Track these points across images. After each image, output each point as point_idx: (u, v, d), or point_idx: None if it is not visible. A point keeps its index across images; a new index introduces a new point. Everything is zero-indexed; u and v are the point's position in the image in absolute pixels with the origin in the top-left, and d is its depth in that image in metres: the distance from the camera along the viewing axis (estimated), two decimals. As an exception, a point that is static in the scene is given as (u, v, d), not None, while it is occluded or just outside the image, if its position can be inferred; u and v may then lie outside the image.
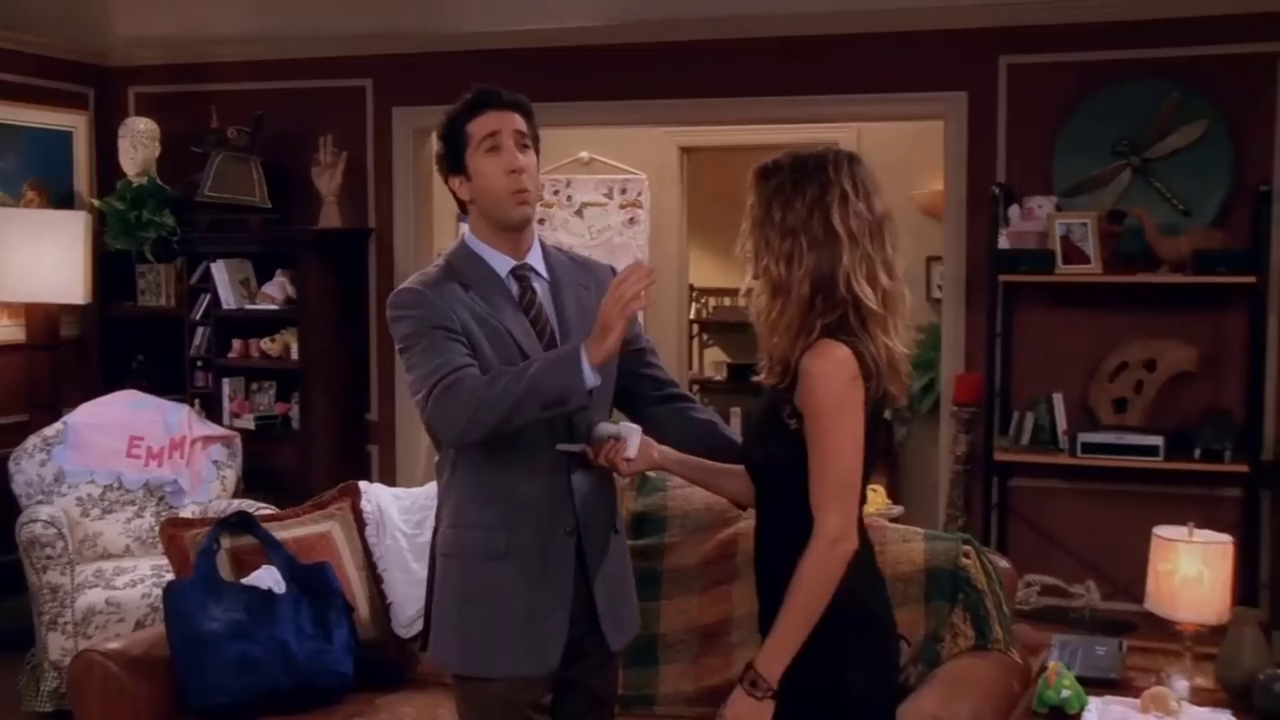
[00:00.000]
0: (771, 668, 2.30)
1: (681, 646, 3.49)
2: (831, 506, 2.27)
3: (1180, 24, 5.20)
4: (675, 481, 3.66)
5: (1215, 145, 5.17)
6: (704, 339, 9.12)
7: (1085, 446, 5.18)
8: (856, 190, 2.31)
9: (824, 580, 2.27)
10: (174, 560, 3.77)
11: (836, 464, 2.27)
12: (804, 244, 2.29)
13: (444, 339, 2.53)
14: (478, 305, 2.59)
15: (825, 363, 2.26)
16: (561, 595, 2.61)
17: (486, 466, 2.59)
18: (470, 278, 2.63)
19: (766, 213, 2.34)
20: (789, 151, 2.38)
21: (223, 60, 6.51)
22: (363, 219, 6.40)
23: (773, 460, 2.38)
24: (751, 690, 2.31)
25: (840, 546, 2.27)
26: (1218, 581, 3.40)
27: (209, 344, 6.28)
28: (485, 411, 2.44)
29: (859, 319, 2.29)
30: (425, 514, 3.96)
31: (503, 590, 2.59)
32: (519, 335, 2.60)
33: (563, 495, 2.62)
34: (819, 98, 5.78)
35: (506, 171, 2.62)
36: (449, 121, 2.68)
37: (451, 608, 2.64)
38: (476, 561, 2.61)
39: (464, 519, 2.63)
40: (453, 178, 2.69)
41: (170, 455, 5.35)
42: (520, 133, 2.65)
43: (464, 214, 2.76)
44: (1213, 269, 4.98)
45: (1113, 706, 3.10)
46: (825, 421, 2.26)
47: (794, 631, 2.28)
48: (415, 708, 3.55)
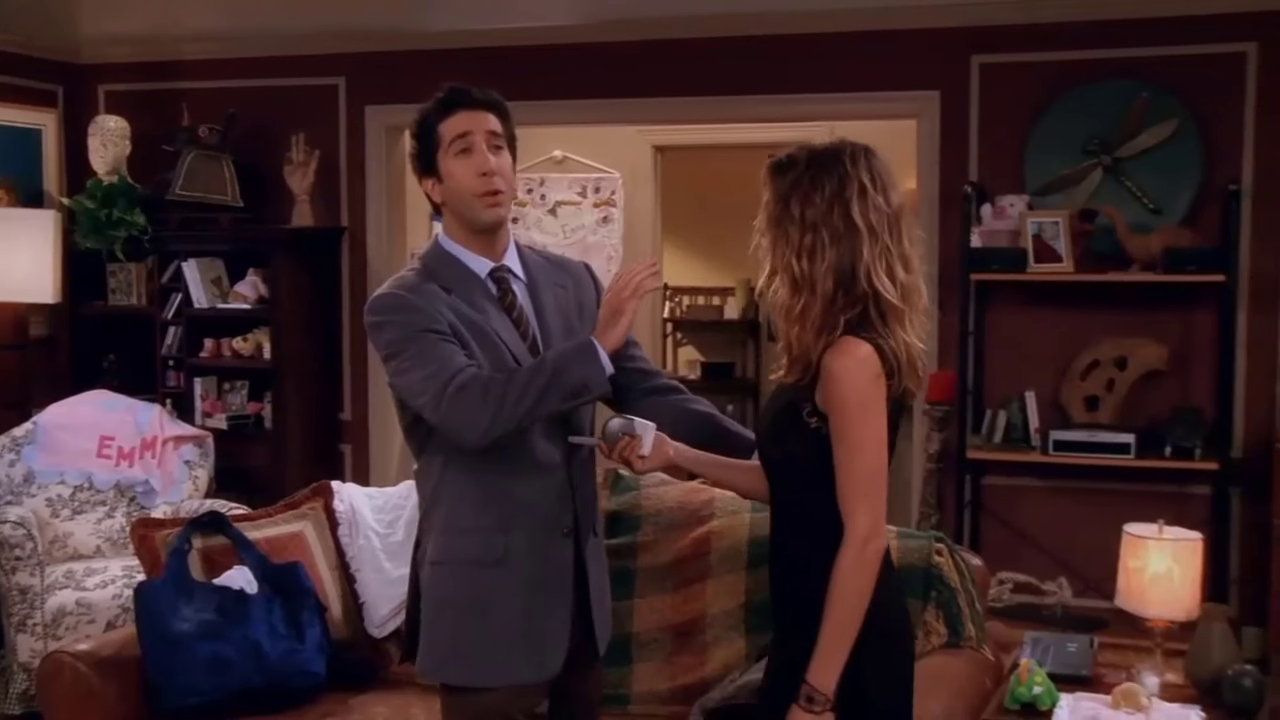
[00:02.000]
0: (826, 679, 2.24)
1: (655, 645, 3.48)
2: (860, 505, 2.25)
3: (1150, 24, 5.24)
4: (648, 480, 3.65)
5: (1185, 144, 5.20)
6: (678, 338, 9.13)
7: (1057, 444, 5.20)
8: (874, 183, 2.29)
9: (863, 582, 2.25)
10: (145, 561, 3.74)
11: (863, 462, 2.25)
12: (825, 238, 2.26)
13: (436, 341, 2.47)
14: (461, 307, 2.54)
15: (848, 360, 2.23)
16: (562, 598, 2.58)
17: (482, 469, 2.52)
18: (449, 280, 2.58)
19: (785, 207, 2.31)
20: (801, 145, 2.36)
21: (194, 58, 6.48)
22: (335, 218, 6.38)
23: (792, 459, 2.35)
24: (809, 706, 2.25)
25: (873, 544, 2.25)
26: (1187, 578, 3.42)
27: (180, 343, 6.25)
28: (510, 407, 2.40)
29: (879, 314, 2.27)
30: (398, 513, 3.95)
31: (502, 596, 2.53)
32: (505, 336, 2.57)
33: (563, 495, 2.59)
34: (792, 97, 5.80)
35: (478, 174, 2.57)
36: (420, 121, 2.63)
37: (447, 618, 2.56)
38: (473, 568, 2.54)
39: (459, 524, 2.55)
40: (425, 179, 2.64)
41: (141, 455, 5.32)
42: (493, 133, 2.60)
43: (438, 215, 2.72)
44: (1183, 268, 5.02)
45: (1084, 703, 3.11)
46: (850, 419, 2.24)
47: (842, 638, 2.25)
48: (388, 708, 3.54)
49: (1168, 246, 5.04)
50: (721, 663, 3.40)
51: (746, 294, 8.78)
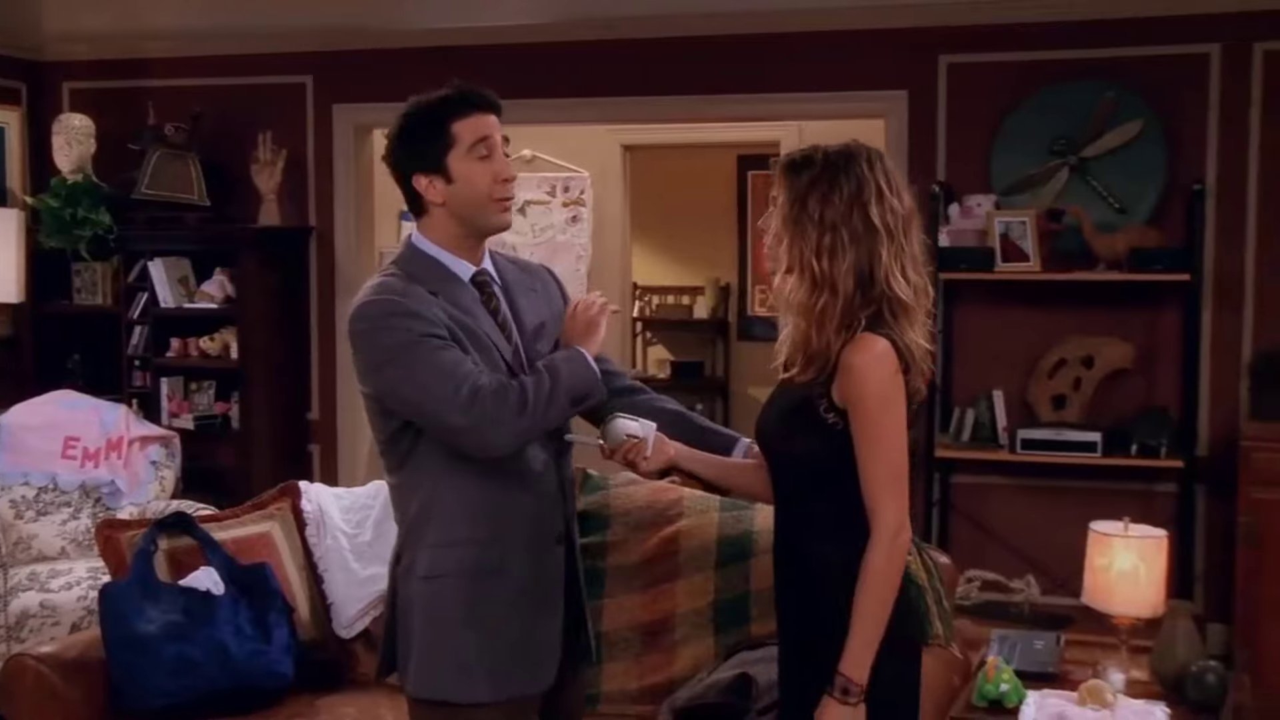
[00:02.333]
0: (860, 671, 2.27)
1: (624, 644, 3.48)
2: (888, 498, 2.30)
3: (1116, 25, 5.27)
4: (617, 479, 3.66)
5: (1150, 144, 5.23)
6: (647, 337, 9.13)
7: (1025, 443, 5.23)
8: (889, 185, 2.33)
9: (893, 574, 2.30)
10: (110, 562, 3.72)
11: (888, 455, 2.30)
12: (845, 238, 2.29)
13: (439, 346, 2.38)
14: (451, 310, 2.46)
15: (868, 355, 2.27)
16: (555, 607, 2.56)
17: (475, 479, 2.45)
18: (433, 283, 2.48)
19: (802, 207, 2.33)
20: (813, 145, 2.38)
21: (159, 56, 6.43)
22: (303, 217, 6.35)
23: (809, 456, 2.37)
24: (844, 698, 2.27)
25: (903, 536, 2.31)
26: (1153, 575, 3.45)
27: (147, 343, 6.21)
28: (535, 411, 2.38)
29: (892, 313, 2.31)
30: (366, 514, 3.94)
31: (499, 608, 2.48)
32: (495, 340, 2.51)
33: (554, 502, 2.57)
34: (760, 96, 5.81)
35: (498, 179, 2.49)
36: (427, 116, 2.49)
37: (443, 633, 2.49)
38: (470, 580, 2.47)
39: (452, 537, 2.48)
40: (423, 176, 2.49)
41: (107, 456, 5.28)
42: (505, 137, 2.54)
43: (415, 214, 2.58)
44: (1148, 267, 5.05)
45: (1050, 700, 3.13)
46: (873, 414, 2.29)
47: (873, 630, 2.28)
48: (356, 708, 3.53)
49: (1133, 246, 5.08)
50: (690, 662, 3.40)
51: (716, 293, 8.79)
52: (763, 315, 8.62)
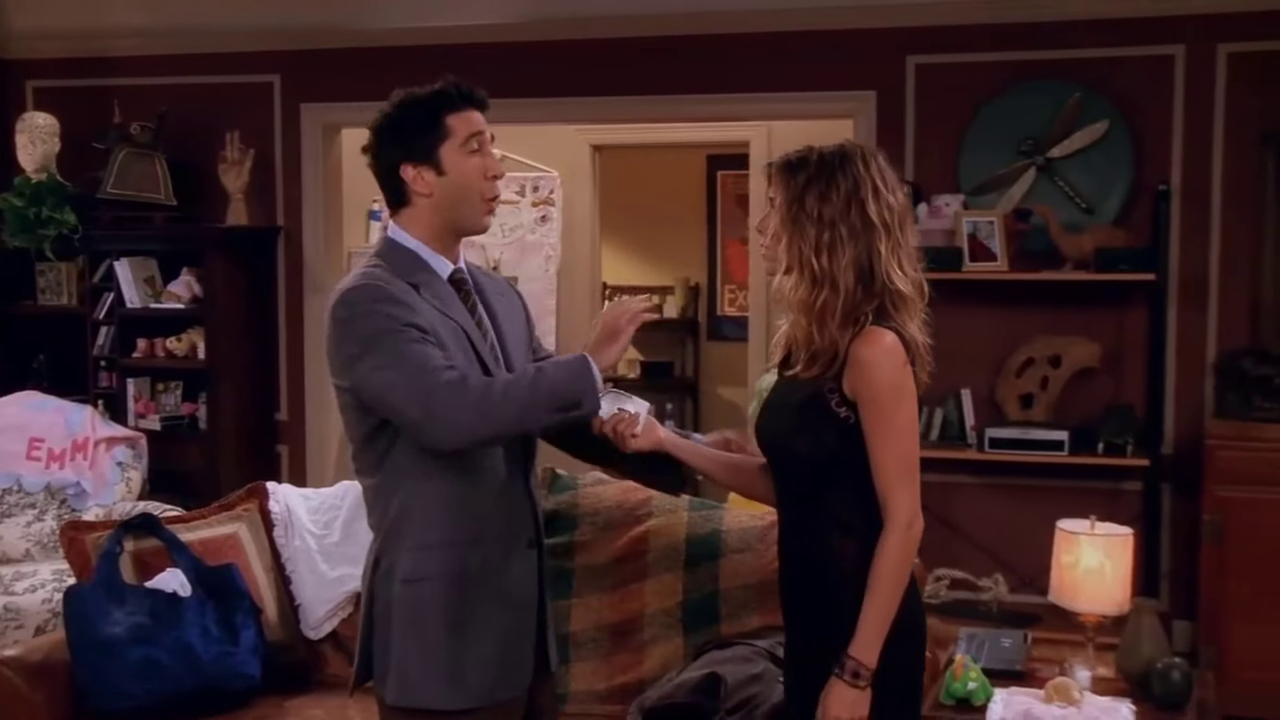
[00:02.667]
0: (870, 655, 2.32)
1: (592, 644, 3.48)
2: (901, 489, 2.33)
3: (1083, 26, 5.31)
4: (586, 479, 3.66)
5: (1116, 145, 5.27)
6: (617, 337, 9.12)
7: (992, 442, 5.25)
8: (885, 182, 2.38)
9: (905, 564, 2.34)
10: (75, 564, 3.69)
11: (901, 446, 2.33)
12: (843, 234, 2.34)
13: (418, 338, 2.36)
14: (434, 303, 2.46)
15: (878, 348, 2.32)
16: (530, 610, 2.55)
17: (452, 481, 2.44)
18: (414, 276, 2.47)
19: (800, 206, 2.37)
20: (807, 146, 2.42)
21: (125, 54, 6.39)
22: (271, 217, 6.32)
23: (823, 450, 2.38)
24: (854, 681, 2.32)
25: (916, 526, 2.34)
26: (1118, 573, 3.47)
27: (113, 343, 6.16)
28: (500, 412, 2.33)
29: (894, 307, 2.36)
30: (334, 514, 3.92)
31: (479, 611, 2.46)
32: (473, 336, 2.50)
33: (524, 505, 2.56)
34: (729, 96, 5.82)
35: (488, 175, 2.51)
36: (421, 107, 2.49)
37: (424, 638, 2.45)
38: (450, 584, 2.44)
39: (432, 539, 2.45)
40: (413, 166, 2.48)
41: (72, 457, 5.24)
42: (492, 136, 2.55)
43: (396, 206, 2.55)
44: (1114, 266, 5.08)
45: (1017, 697, 3.14)
46: (886, 406, 2.32)
47: (884, 617, 2.32)
48: (324, 710, 3.51)
49: (1100, 246, 5.11)
50: (659, 662, 3.40)
51: (685, 293, 8.80)
52: (732, 315, 8.64)
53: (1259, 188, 5.18)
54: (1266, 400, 4.97)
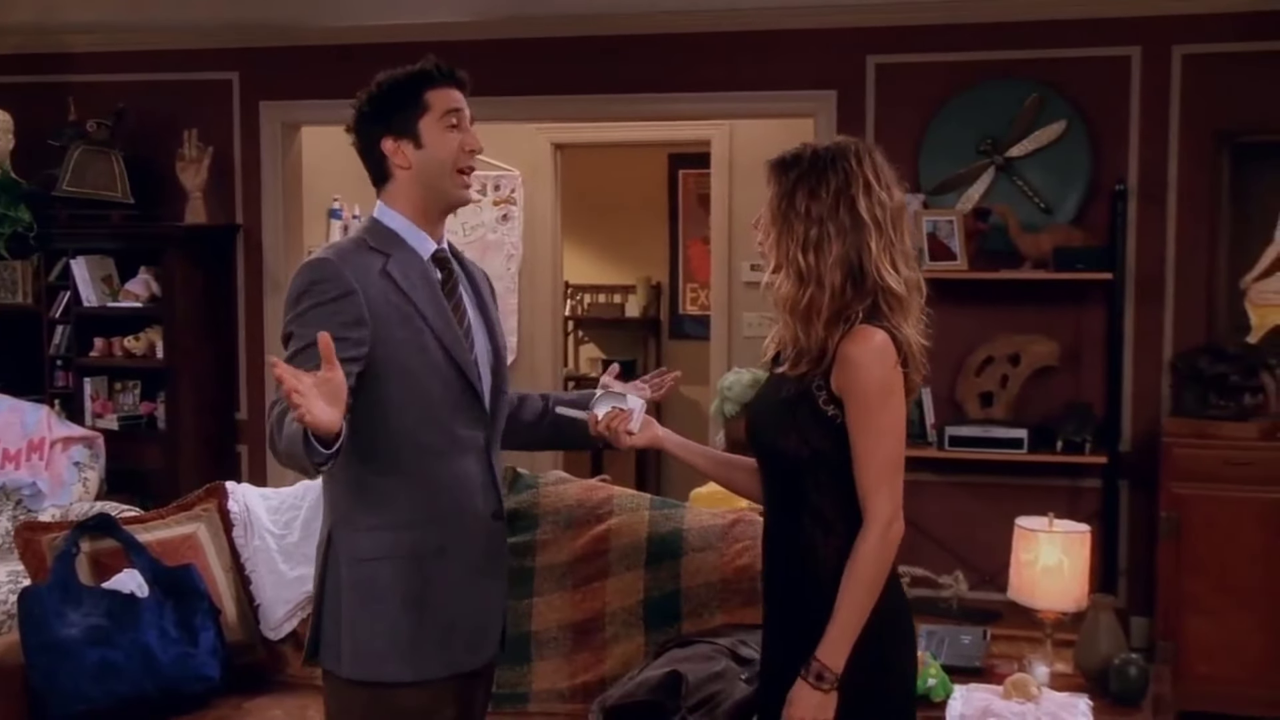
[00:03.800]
0: (837, 659, 2.30)
1: (554, 643, 3.48)
2: (882, 490, 2.32)
3: (1041, 27, 5.35)
4: (548, 478, 3.66)
5: (1074, 144, 5.31)
6: (579, 335, 9.12)
7: (952, 440, 5.28)
8: (878, 179, 2.35)
9: (882, 566, 2.32)
10: (30, 565, 3.65)
11: (885, 447, 2.32)
12: (831, 231, 2.31)
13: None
14: (399, 280, 2.47)
15: (866, 347, 2.29)
16: (497, 582, 2.62)
17: (410, 458, 2.47)
18: (390, 250, 2.52)
19: (790, 202, 2.35)
20: (802, 143, 2.41)
21: (81, 50, 6.33)
22: (230, 215, 6.27)
23: (814, 449, 2.36)
24: (818, 684, 2.30)
25: (895, 529, 2.33)
26: (1076, 570, 3.49)
27: (69, 342, 6.10)
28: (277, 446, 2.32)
29: (888, 305, 2.33)
30: (294, 514, 3.90)
31: (442, 585, 2.49)
32: (433, 319, 2.50)
33: (488, 478, 2.58)
34: (690, 95, 5.82)
35: (464, 149, 2.58)
36: (402, 84, 2.56)
37: (382, 614, 2.46)
38: (411, 560, 2.47)
39: (386, 520, 2.47)
40: (393, 139, 2.54)
41: (28, 457, 5.20)
42: (472, 117, 2.62)
43: (379, 182, 2.61)
44: (1072, 266, 5.12)
45: (976, 694, 3.16)
46: (873, 405, 2.30)
47: (855, 619, 2.30)
48: (284, 710, 3.50)
49: (1058, 245, 5.15)
50: (621, 660, 3.40)
51: (647, 292, 8.80)
52: (694, 314, 8.65)
53: (1214, 187, 5.23)
54: (1222, 398, 5.03)
